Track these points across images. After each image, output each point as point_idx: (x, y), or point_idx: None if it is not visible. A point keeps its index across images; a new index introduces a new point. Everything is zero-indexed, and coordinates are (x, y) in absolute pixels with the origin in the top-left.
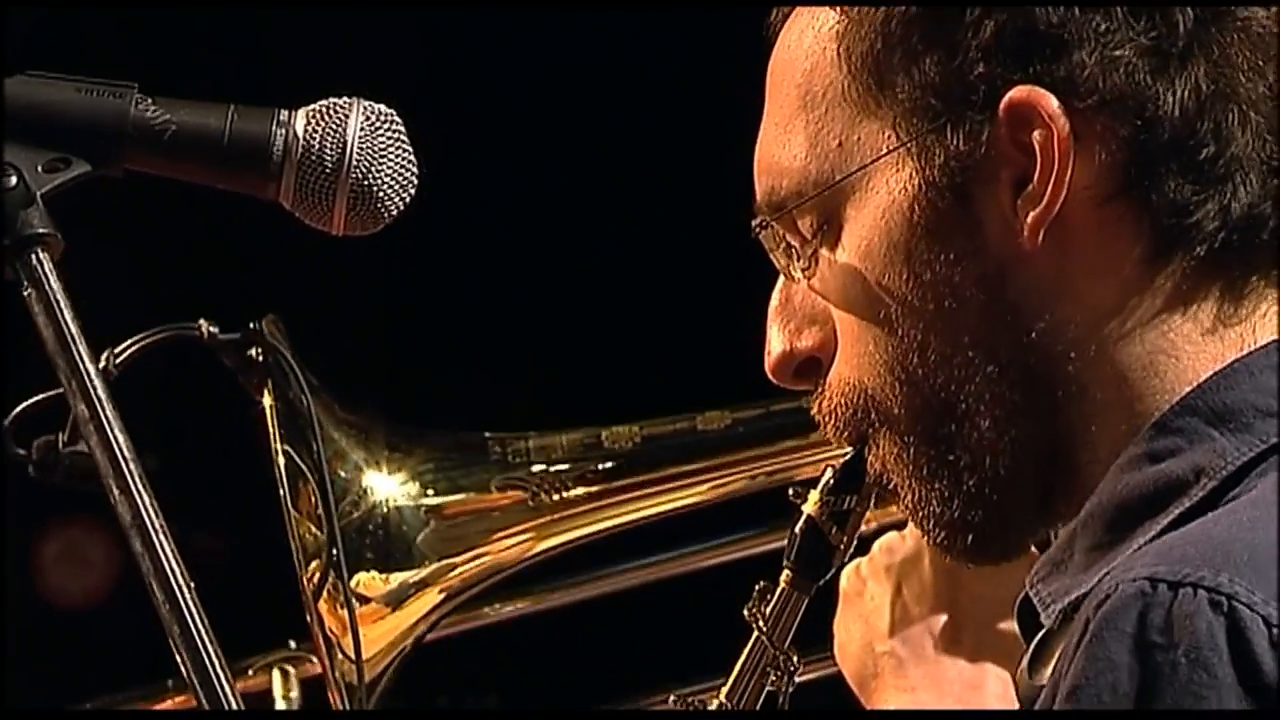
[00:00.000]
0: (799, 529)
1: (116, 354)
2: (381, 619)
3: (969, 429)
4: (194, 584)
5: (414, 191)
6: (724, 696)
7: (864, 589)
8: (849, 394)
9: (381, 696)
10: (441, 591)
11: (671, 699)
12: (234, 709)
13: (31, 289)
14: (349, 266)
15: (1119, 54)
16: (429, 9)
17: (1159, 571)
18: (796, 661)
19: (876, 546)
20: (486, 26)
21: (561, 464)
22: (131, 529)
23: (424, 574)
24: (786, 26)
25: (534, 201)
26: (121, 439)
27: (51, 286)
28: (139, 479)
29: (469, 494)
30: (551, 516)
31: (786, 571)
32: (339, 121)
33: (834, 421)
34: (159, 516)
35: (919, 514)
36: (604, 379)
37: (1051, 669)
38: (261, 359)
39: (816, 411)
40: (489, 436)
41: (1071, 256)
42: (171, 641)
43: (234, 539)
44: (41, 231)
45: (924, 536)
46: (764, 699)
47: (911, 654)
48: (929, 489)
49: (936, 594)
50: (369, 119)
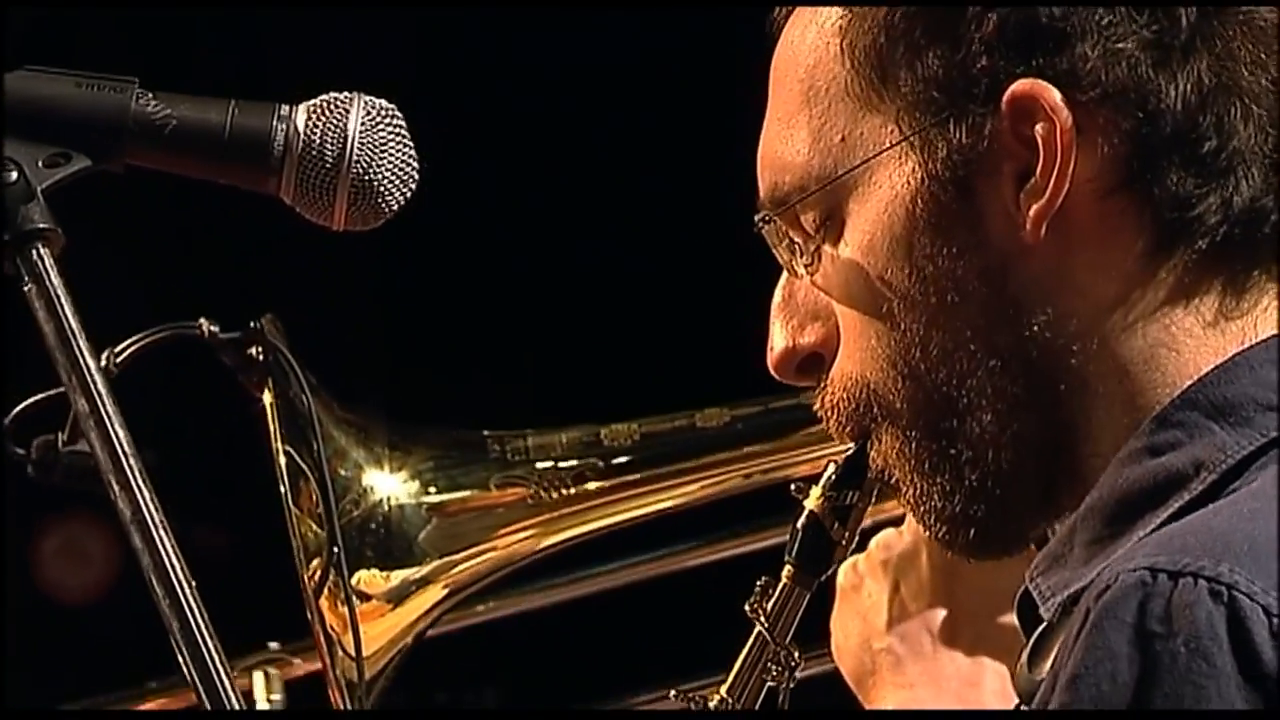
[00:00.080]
0: (801, 524)
1: (116, 353)
2: (382, 616)
3: (971, 423)
4: (194, 580)
5: (415, 187)
6: (725, 692)
7: (861, 585)
8: (851, 389)
9: (381, 693)
10: (442, 589)
11: (672, 694)
12: (234, 706)
13: (32, 284)
14: (347, 265)
15: (1121, 47)
16: (429, 6)
17: (1159, 561)
18: (798, 657)
19: (874, 543)
20: (486, 24)
21: (561, 461)
22: (131, 524)
23: (424, 571)
24: (790, 23)
25: (533, 199)
26: (122, 434)
27: (52, 282)
28: (139, 474)
29: (469, 492)
30: (551, 514)
31: (788, 567)
32: (340, 116)
33: (836, 417)
34: (159, 512)
35: (921, 509)
36: (603, 377)
37: (1051, 661)
38: (261, 358)
39: (819, 407)
40: (488, 434)
41: (1073, 250)
42: (171, 637)
43: (235, 536)
44: (42, 226)
45: (926, 531)
46: (765, 695)
47: (909, 651)
48: (931, 483)
49: (934, 590)
50: (370, 114)
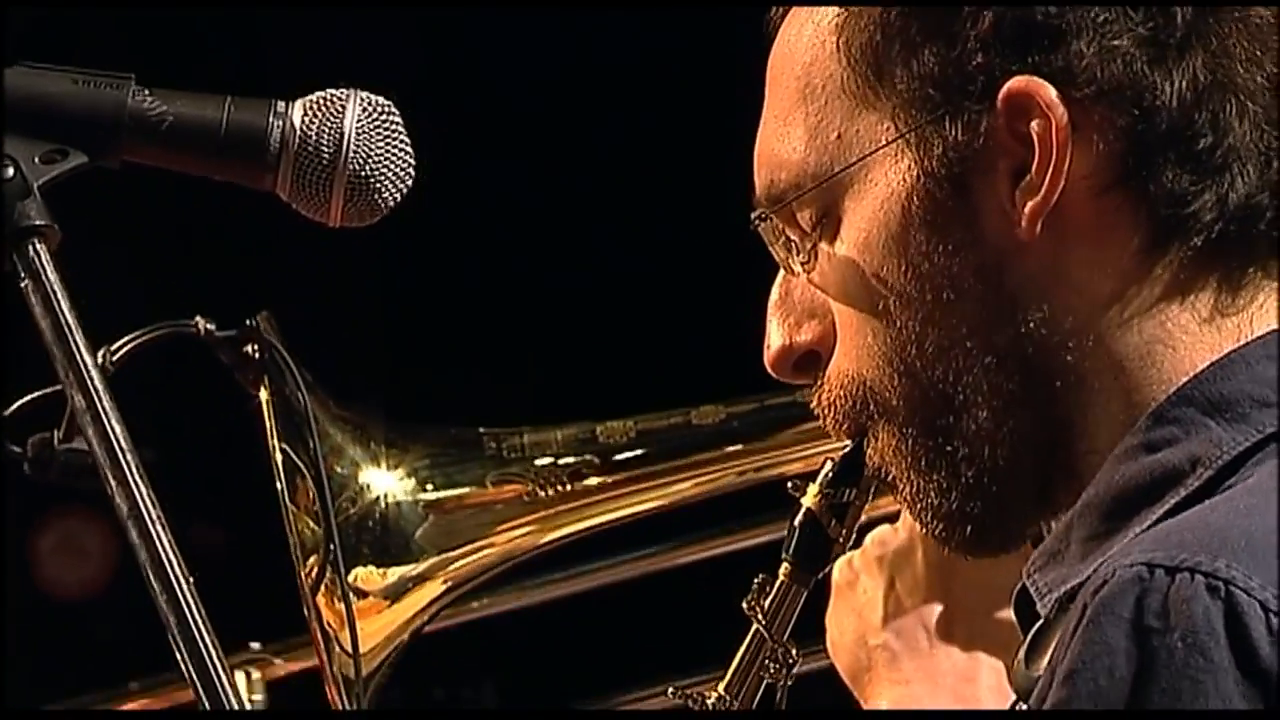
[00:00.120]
0: (798, 522)
1: (112, 351)
2: (379, 613)
3: (967, 420)
4: (194, 577)
5: (411, 183)
6: (723, 690)
7: (856, 582)
8: (848, 386)
9: (378, 689)
10: (438, 586)
11: (670, 691)
12: (232, 703)
13: (29, 280)
14: (343, 263)
15: (1117, 44)
16: (427, 4)
17: (1156, 557)
18: (796, 654)
19: (869, 539)
20: (484, 22)
21: (557, 459)
22: (129, 520)
23: (421, 568)
24: (786, 21)
25: (529, 197)
26: (119, 430)
27: (49, 278)
28: (136, 470)
29: (465, 489)
30: (547, 511)
31: (785, 565)
32: (336, 113)
33: (833, 414)
34: (156, 508)
35: (917, 506)
36: (599, 374)
37: (1048, 657)
38: (258, 355)
39: (816, 405)
40: (484, 432)
41: (1069, 247)
42: (169, 633)
43: (232, 532)
44: (39, 223)
45: (923, 529)
46: (763, 692)
47: (905, 647)
48: (927, 480)
49: (929, 586)
50: (366, 110)
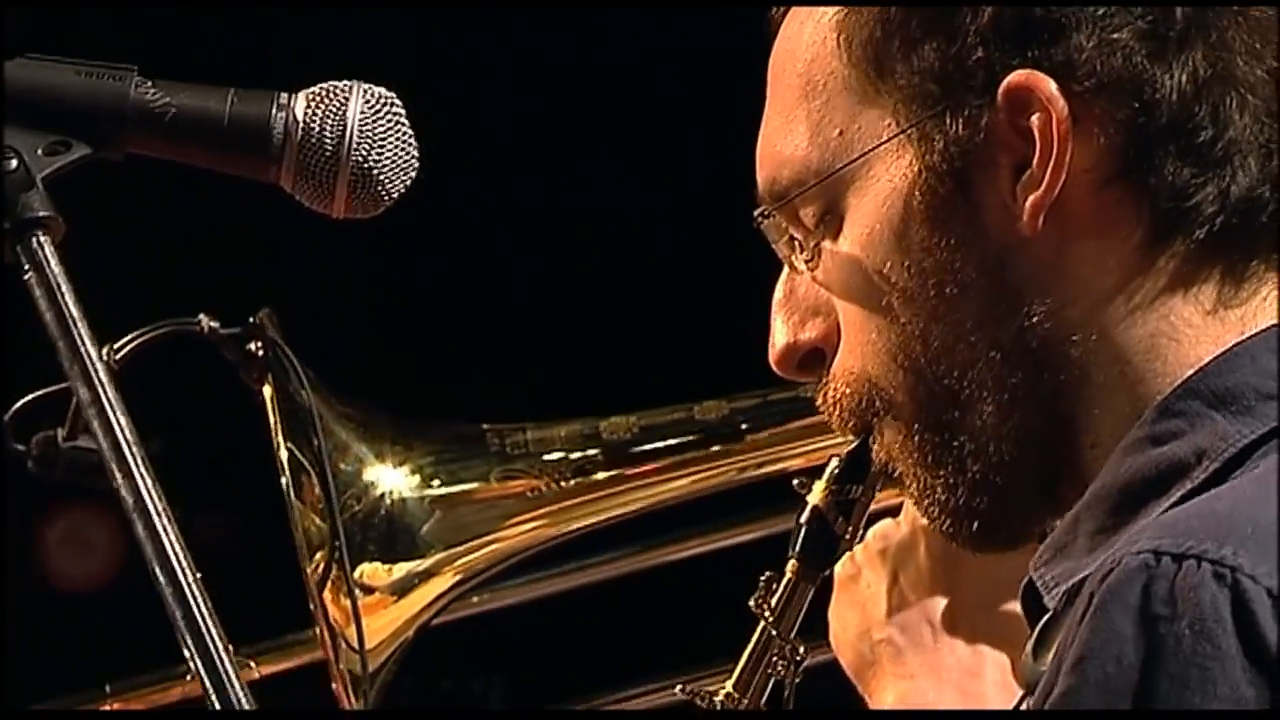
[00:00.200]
0: (804, 519)
1: (116, 349)
2: (385, 609)
3: (972, 415)
4: (199, 569)
5: (415, 174)
6: (731, 687)
7: (859, 576)
8: (853, 383)
9: (384, 683)
10: (444, 581)
11: (679, 688)
12: (239, 696)
13: (32, 272)
14: (344, 260)
15: (1116, 38)
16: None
17: (1163, 544)
18: (803, 651)
19: (871, 533)
20: (487, 17)
21: (560, 454)
22: (134, 513)
23: (427, 564)
24: (787, 19)
25: (532, 194)
26: (124, 422)
27: (53, 270)
28: (142, 463)
29: (469, 485)
30: (552, 507)
31: (792, 562)
32: (340, 104)
33: (838, 412)
34: (162, 501)
35: (924, 501)
36: (601, 370)
37: (1055, 649)
38: (261, 353)
39: (821, 402)
40: (487, 428)
41: (1071, 240)
42: (175, 627)
43: (237, 528)
44: (42, 214)
45: (930, 524)
46: (771, 688)
47: (909, 641)
48: (933, 476)
49: (933, 580)
50: (370, 102)
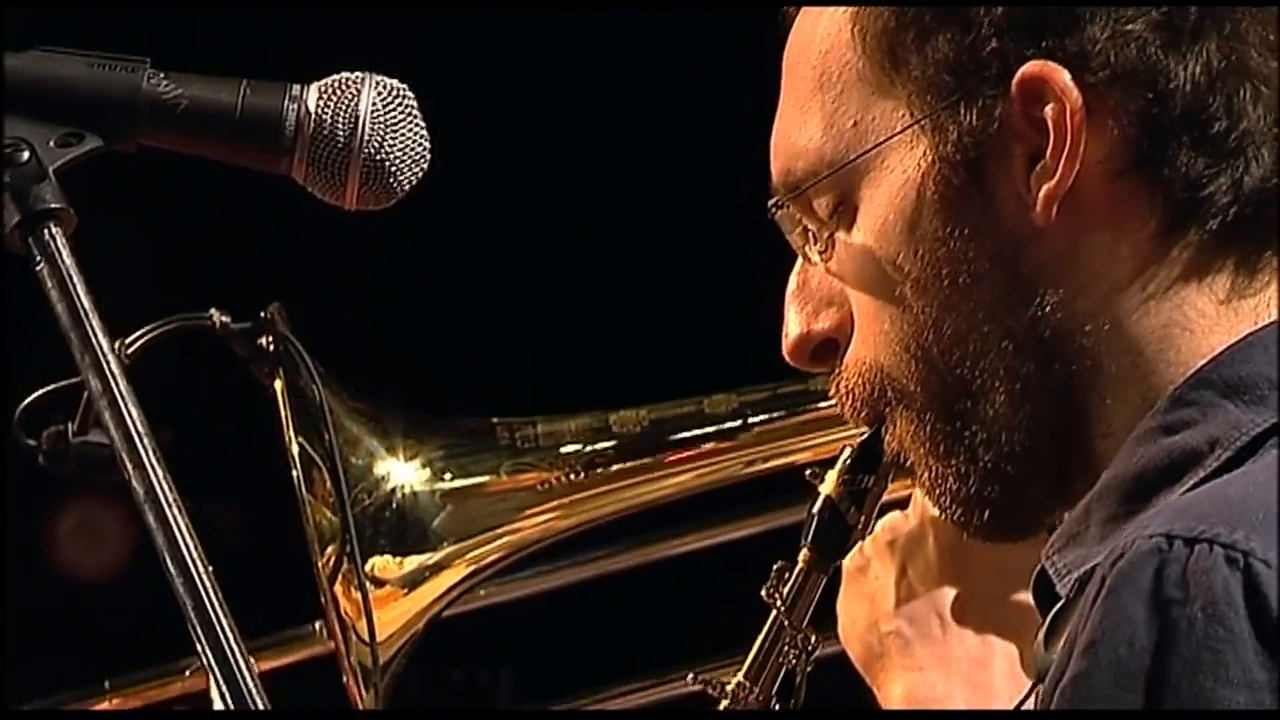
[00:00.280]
0: (816, 509)
1: (126, 344)
2: (395, 601)
3: (985, 405)
4: (210, 562)
5: (426, 166)
6: (742, 676)
7: (868, 568)
8: (866, 373)
9: (394, 675)
10: (455, 574)
11: (690, 677)
12: (250, 687)
13: (44, 263)
14: (354, 255)
15: (1131, 28)
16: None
17: (1175, 528)
18: (815, 641)
19: (880, 525)
20: (497, 13)
21: (570, 448)
22: (145, 504)
23: (438, 557)
24: (802, 12)
25: (541, 188)
26: (135, 413)
27: (64, 261)
28: (153, 454)
29: (480, 479)
30: (562, 500)
31: (804, 551)
32: (351, 96)
33: (851, 402)
34: (173, 491)
35: (936, 491)
36: (611, 364)
37: (1067, 635)
38: (272, 348)
39: (833, 392)
40: (497, 422)
41: (1085, 231)
42: (185, 617)
43: (249, 520)
44: (54, 206)
45: (941, 514)
46: (782, 678)
47: (918, 633)
48: (946, 466)
49: (942, 571)
50: (381, 93)
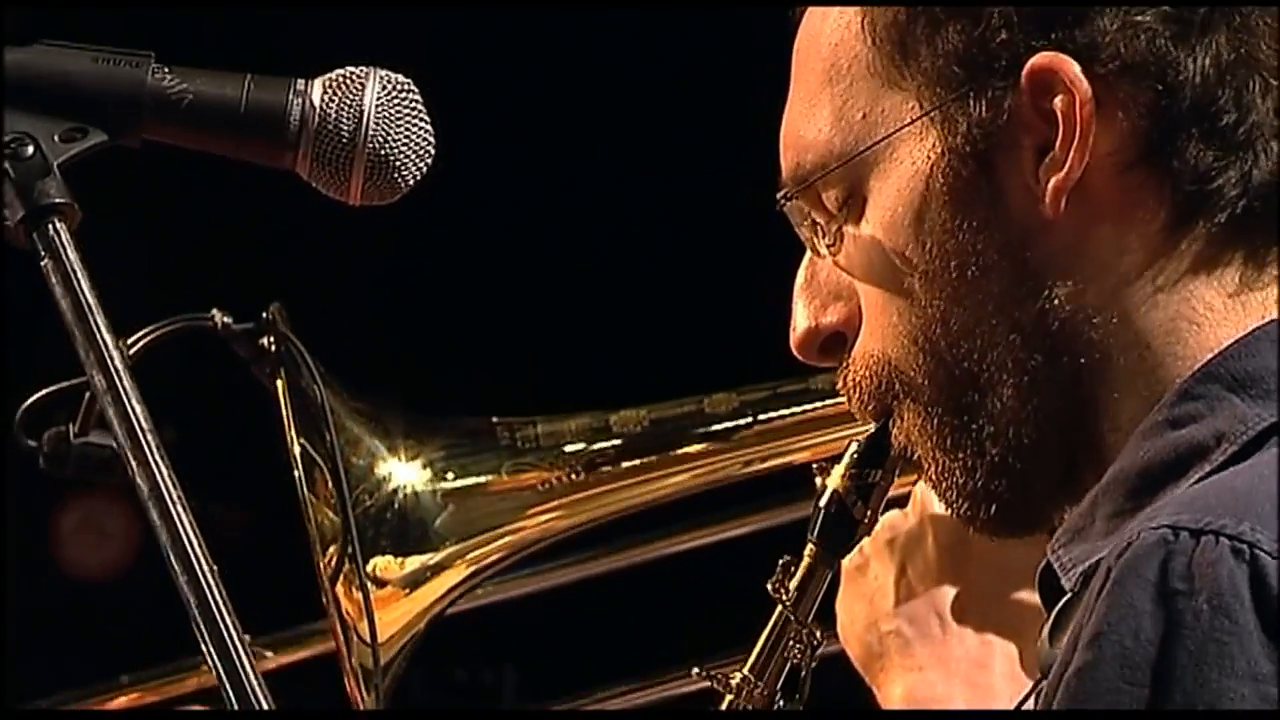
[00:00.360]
0: (823, 503)
1: (129, 344)
2: (397, 602)
3: (992, 398)
4: (214, 560)
5: (431, 161)
6: (747, 671)
7: (867, 567)
8: (873, 366)
9: (396, 674)
10: (456, 574)
11: (695, 672)
12: (253, 684)
13: (49, 259)
14: (354, 254)
15: (1140, 20)
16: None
17: (1181, 520)
18: (820, 636)
19: (879, 524)
20: (498, 11)
21: (570, 448)
22: (150, 501)
23: (439, 557)
24: (812, 7)
25: (541, 188)
26: (139, 410)
27: (69, 257)
28: (157, 450)
29: (480, 479)
30: (562, 500)
31: (810, 546)
32: (356, 91)
33: (858, 395)
34: (177, 488)
35: (942, 485)
36: (611, 364)
37: (1072, 627)
38: (273, 349)
39: (841, 386)
40: (498, 422)
41: (1093, 223)
42: (189, 614)
43: (251, 520)
44: (58, 201)
45: (948, 508)
46: (787, 673)
47: (917, 633)
48: (953, 459)
49: (941, 570)
50: (386, 88)
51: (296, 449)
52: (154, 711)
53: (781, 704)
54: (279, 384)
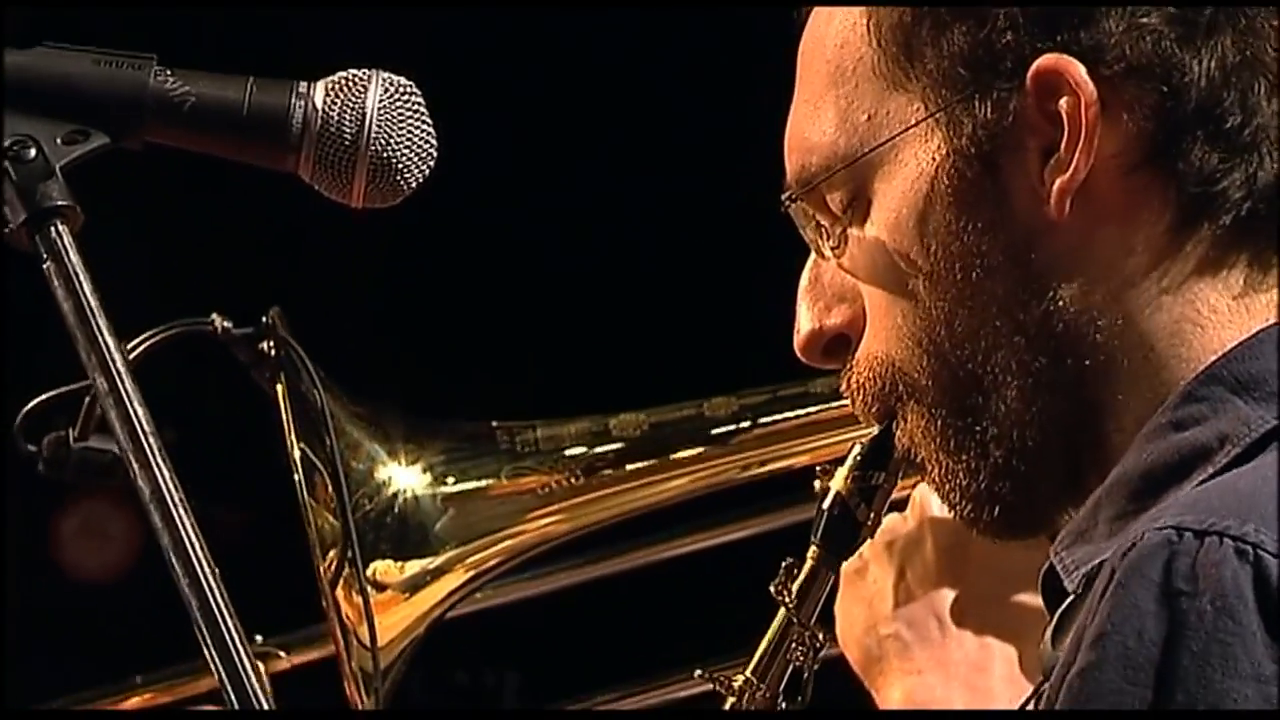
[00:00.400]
0: (826, 505)
1: (129, 349)
2: (397, 606)
3: (996, 400)
4: (215, 562)
5: (433, 163)
6: (749, 673)
7: (865, 570)
8: (877, 368)
9: (396, 678)
10: (456, 578)
11: (697, 674)
12: (254, 686)
13: (51, 262)
14: (354, 258)
15: (1146, 22)
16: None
17: (1185, 520)
18: (823, 638)
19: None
20: (499, 13)
21: (570, 452)
22: (151, 503)
23: (439, 561)
24: (817, 8)
25: (539, 191)
26: (141, 412)
27: (71, 259)
28: (159, 452)
29: (480, 483)
30: (562, 504)
31: (813, 548)
32: (358, 93)
33: (862, 397)
34: (179, 490)
35: (946, 487)
36: (611, 368)
37: (1075, 629)
38: (273, 353)
39: (845, 388)
40: (497, 426)
41: (1098, 225)
42: (191, 616)
43: (251, 523)
44: (61, 204)
45: (951, 511)
46: (790, 675)
47: (916, 636)
48: (956, 461)
49: (940, 573)
50: (388, 90)
51: (296, 453)
52: (161, 712)
53: (784, 706)
54: (279, 388)
